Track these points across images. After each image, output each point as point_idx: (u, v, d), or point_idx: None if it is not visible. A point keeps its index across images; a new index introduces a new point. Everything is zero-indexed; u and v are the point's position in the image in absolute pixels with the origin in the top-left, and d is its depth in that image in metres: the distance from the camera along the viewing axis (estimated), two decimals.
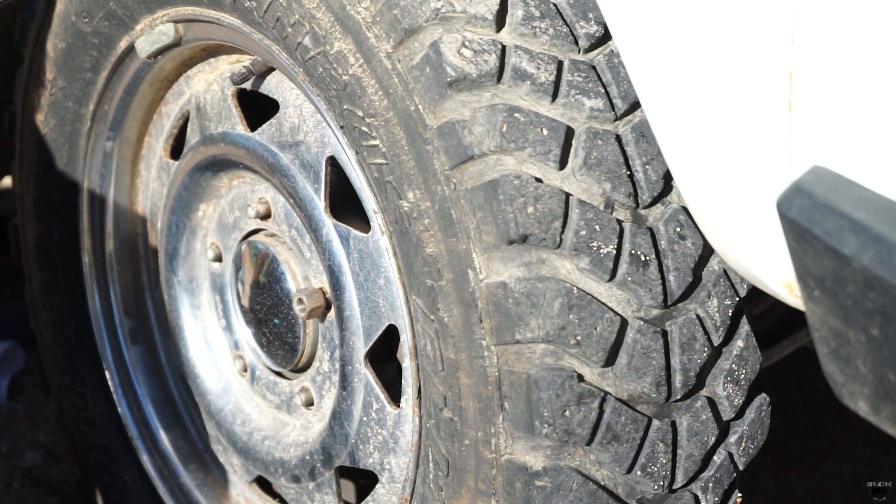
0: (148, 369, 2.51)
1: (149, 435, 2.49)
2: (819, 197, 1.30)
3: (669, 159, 1.61)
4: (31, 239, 2.55)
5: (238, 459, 2.35)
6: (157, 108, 2.33)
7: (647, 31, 1.57)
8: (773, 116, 1.46)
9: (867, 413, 1.36)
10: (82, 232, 2.46)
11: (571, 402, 1.65)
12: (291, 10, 1.81)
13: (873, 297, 1.26)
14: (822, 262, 1.30)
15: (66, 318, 2.55)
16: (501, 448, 1.70)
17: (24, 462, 2.87)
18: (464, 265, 1.67)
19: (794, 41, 1.43)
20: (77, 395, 2.58)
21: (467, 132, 1.64)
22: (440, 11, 1.67)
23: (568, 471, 1.68)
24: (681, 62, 1.54)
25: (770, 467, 2.86)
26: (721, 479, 1.79)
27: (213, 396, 2.35)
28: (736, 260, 1.60)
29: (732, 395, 1.76)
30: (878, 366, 1.30)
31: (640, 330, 1.67)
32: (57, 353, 2.59)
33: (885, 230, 1.24)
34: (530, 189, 1.63)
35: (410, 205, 1.72)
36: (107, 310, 2.50)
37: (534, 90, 1.65)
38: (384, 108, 1.72)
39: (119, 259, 2.47)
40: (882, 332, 1.28)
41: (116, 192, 2.42)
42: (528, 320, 1.64)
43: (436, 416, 1.80)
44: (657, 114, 1.60)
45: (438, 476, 1.82)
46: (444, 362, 1.74)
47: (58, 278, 2.53)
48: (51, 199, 2.48)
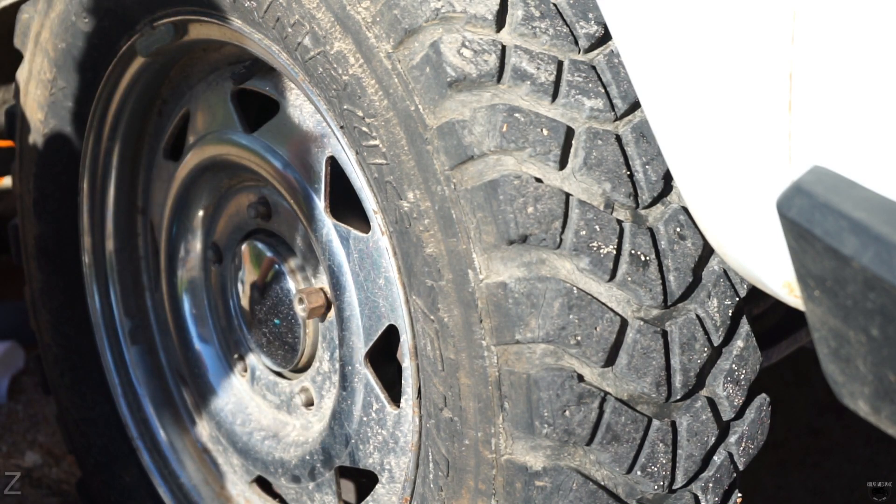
0: (148, 369, 2.51)
1: (148, 435, 2.49)
2: (819, 197, 1.29)
3: (669, 159, 1.60)
4: (32, 239, 2.55)
5: (238, 459, 2.34)
6: (157, 108, 2.33)
7: (647, 31, 1.57)
8: (773, 116, 1.46)
9: (867, 413, 1.36)
10: (82, 232, 2.46)
11: (571, 402, 1.65)
12: (291, 10, 1.81)
13: (873, 297, 1.26)
14: (822, 263, 1.29)
15: (65, 318, 2.55)
16: (501, 448, 1.70)
17: (24, 462, 2.87)
18: (464, 265, 1.67)
19: (794, 41, 1.43)
20: (77, 394, 2.58)
21: (467, 132, 1.64)
22: (440, 11, 1.67)
23: (568, 471, 1.68)
24: (681, 62, 1.54)
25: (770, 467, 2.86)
26: (721, 480, 1.79)
27: (213, 396, 2.34)
28: (736, 260, 1.59)
29: (732, 396, 1.76)
30: (878, 366, 1.30)
31: (640, 330, 1.66)
32: (57, 353, 2.58)
33: (885, 230, 1.24)
34: (530, 189, 1.63)
35: (410, 205, 1.72)
36: (107, 310, 2.50)
37: (534, 90, 1.65)
38: (384, 109, 1.71)
39: (119, 259, 2.47)
40: (882, 332, 1.27)
41: (116, 192, 2.42)
42: (528, 320, 1.63)
43: (436, 416, 1.80)
44: (657, 114, 1.59)
45: (438, 476, 1.82)
46: (444, 362, 1.74)
47: (58, 278, 2.53)
48: (51, 199, 2.47)
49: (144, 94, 2.30)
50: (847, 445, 2.96)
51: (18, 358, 3.20)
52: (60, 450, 2.94)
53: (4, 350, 3.12)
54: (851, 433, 2.98)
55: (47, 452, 2.91)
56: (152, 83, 2.28)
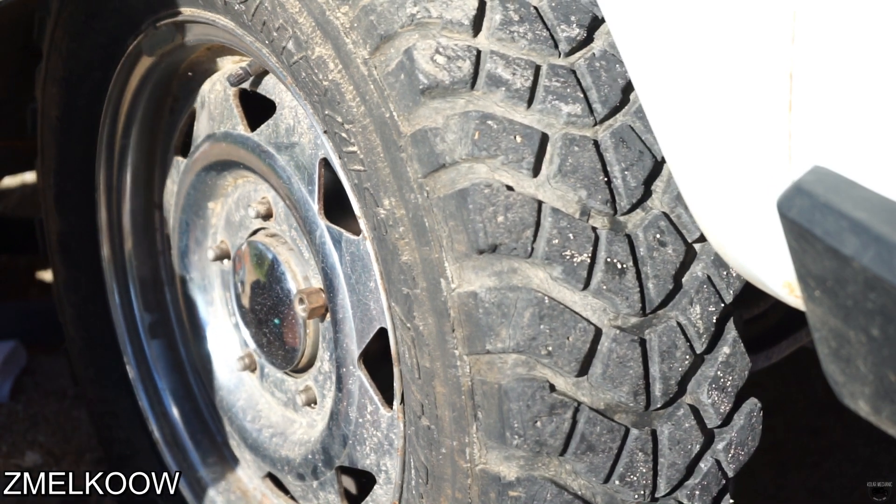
0: (168, 363, 2.53)
1: (168, 428, 2.52)
2: (819, 197, 1.29)
3: (670, 160, 1.59)
4: (54, 234, 2.58)
5: (250, 455, 2.36)
6: (169, 106, 2.34)
7: (647, 32, 1.55)
8: (773, 116, 1.44)
9: (867, 413, 1.35)
10: (100, 227, 2.49)
11: (543, 413, 1.63)
12: (276, 14, 1.80)
13: (874, 297, 1.25)
14: (823, 263, 1.28)
15: (88, 312, 2.58)
16: (476, 458, 1.69)
17: (24, 462, 2.90)
18: (437, 274, 1.66)
19: (794, 41, 1.41)
20: (101, 387, 2.61)
21: (440, 140, 1.62)
22: (416, 17, 1.65)
23: (542, 481, 1.66)
24: (681, 63, 1.52)
25: (770, 467, 2.83)
26: (708, 487, 1.76)
27: (226, 392, 2.36)
28: (736, 260, 1.58)
29: (718, 403, 1.73)
30: (878, 366, 1.29)
31: (616, 339, 1.64)
32: (81, 346, 2.62)
33: (885, 230, 1.24)
34: (501, 198, 1.61)
35: (386, 212, 1.71)
36: (126, 304, 2.52)
37: (509, 96, 1.63)
38: (361, 115, 1.70)
39: (137, 254, 2.49)
40: (882, 332, 1.26)
41: (133, 188, 2.44)
42: (499, 330, 1.62)
43: (415, 424, 1.79)
44: (657, 114, 1.57)
45: (419, 483, 1.81)
46: (420, 370, 1.73)
47: (79, 273, 2.56)
48: (70, 195, 2.50)
49: (155, 92, 2.31)
50: (847, 445, 2.93)
51: (21, 358, 3.23)
52: (60, 450, 2.97)
53: (9, 350, 3.15)
54: (851, 433, 2.95)
55: (47, 452, 2.94)
56: (162, 81, 2.29)
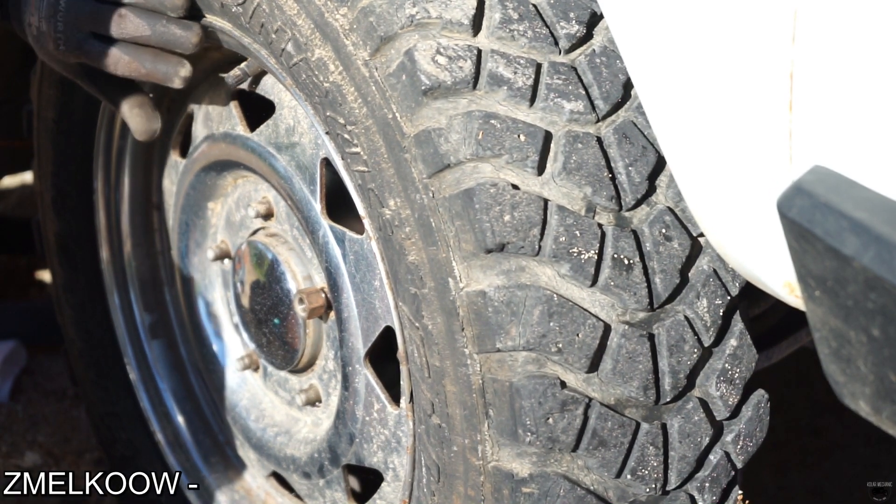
0: (168, 363, 2.53)
1: (170, 428, 2.52)
2: (820, 197, 1.29)
3: (670, 159, 1.59)
4: (52, 236, 2.57)
5: (254, 454, 2.36)
6: (166, 106, 2.33)
7: (647, 32, 1.55)
8: (773, 116, 1.44)
9: (868, 413, 1.35)
10: (99, 229, 2.48)
11: (554, 410, 1.64)
12: (274, 16, 1.80)
13: (874, 297, 1.25)
14: (823, 263, 1.28)
15: (88, 314, 2.57)
16: (488, 455, 1.69)
17: (24, 462, 2.90)
18: (444, 273, 1.66)
19: (794, 41, 1.41)
20: (101, 389, 2.61)
21: (443, 140, 1.62)
22: (415, 18, 1.65)
23: (555, 477, 1.67)
24: (681, 62, 1.52)
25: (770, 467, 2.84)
26: (718, 479, 1.77)
27: (229, 392, 2.36)
28: (736, 260, 1.58)
29: (727, 395, 1.74)
30: (878, 366, 1.29)
31: (625, 334, 1.65)
32: (81, 347, 2.61)
33: (885, 230, 1.23)
34: (507, 197, 1.61)
35: (392, 213, 1.71)
36: (126, 305, 2.52)
37: (511, 95, 1.63)
38: (364, 116, 1.70)
39: (136, 255, 2.49)
40: (883, 332, 1.26)
41: (131, 188, 2.44)
42: (509, 328, 1.62)
43: (426, 422, 1.79)
44: (658, 114, 1.58)
45: (431, 481, 1.82)
46: (430, 369, 1.73)
47: (78, 274, 2.55)
48: (68, 196, 2.50)
49: (152, 92, 2.30)
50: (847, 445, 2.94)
51: (21, 358, 3.22)
52: (60, 450, 2.97)
53: (9, 350, 3.14)
54: (851, 433, 2.96)
55: (47, 452, 2.94)
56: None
